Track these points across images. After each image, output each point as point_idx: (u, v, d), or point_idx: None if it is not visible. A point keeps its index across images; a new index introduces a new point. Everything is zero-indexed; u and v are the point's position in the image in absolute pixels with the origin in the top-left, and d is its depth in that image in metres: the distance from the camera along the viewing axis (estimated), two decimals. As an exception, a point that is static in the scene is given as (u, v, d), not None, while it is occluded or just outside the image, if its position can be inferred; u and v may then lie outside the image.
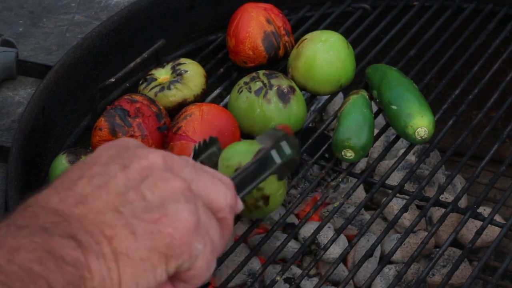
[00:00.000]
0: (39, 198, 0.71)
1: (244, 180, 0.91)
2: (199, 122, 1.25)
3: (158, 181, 0.72)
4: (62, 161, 1.20)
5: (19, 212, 0.70)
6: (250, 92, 1.29)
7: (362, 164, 1.60)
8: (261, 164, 0.95)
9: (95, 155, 0.75)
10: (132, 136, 1.24)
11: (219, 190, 0.77)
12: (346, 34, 1.45)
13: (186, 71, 1.37)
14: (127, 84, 1.48)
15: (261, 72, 1.32)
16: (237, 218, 1.25)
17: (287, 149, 0.99)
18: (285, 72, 1.40)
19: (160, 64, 1.41)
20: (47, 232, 0.67)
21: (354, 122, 1.28)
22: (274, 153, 0.98)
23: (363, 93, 1.34)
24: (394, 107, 1.30)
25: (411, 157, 1.62)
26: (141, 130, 1.24)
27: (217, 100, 1.45)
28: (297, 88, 1.32)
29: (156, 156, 0.74)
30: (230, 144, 1.19)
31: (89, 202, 0.70)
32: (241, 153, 1.15)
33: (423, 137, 1.28)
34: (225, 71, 1.50)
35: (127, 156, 0.74)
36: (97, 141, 1.25)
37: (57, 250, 0.66)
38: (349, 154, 1.27)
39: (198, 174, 0.76)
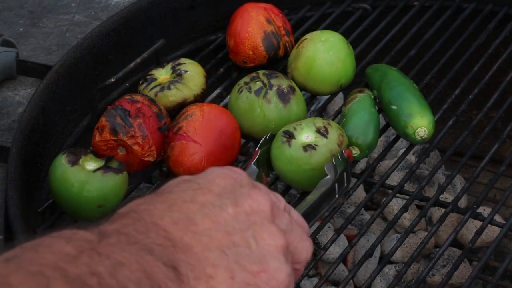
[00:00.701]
0: (154, 212, 0.70)
1: (308, 216, 0.91)
2: (200, 122, 1.25)
3: (264, 232, 0.72)
4: (62, 161, 1.20)
5: (131, 220, 0.69)
6: (250, 92, 1.29)
7: (362, 164, 1.61)
8: (324, 198, 0.95)
9: (209, 178, 0.74)
10: (132, 136, 1.24)
11: (306, 247, 0.78)
12: (346, 34, 1.45)
13: (186, 71, 1.37)
14: (127, 84, 1.48)
15: (261, 72, 1.32)
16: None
17: (345, 182, 0.99)
18: (285, 72, 1.40)
19: (160, 64, 1.41)
20: (154, 255, 0.66)
21: (362, 120, 1.28)
22: (336, 186, 0.97)
23: (368, 92, 1.34)
24: (394, 107, 1.30)
25: (411, 157, 1.62)
26: (142, 130, 1.24)
27: (217, 100, 1.45)
28: (297, 88, 1.32)
29: (266, 203, 0.74)
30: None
31: (198, 233, 0.70)
32: None
33: (423, 137, 1.28)
34: (225, 71, 1.50)
35: (240, 193, 0.74)
36: (98, 141, 1.25)
37: (157, 277, 0.65)
38: (354, 151, 1.27)
39: (292, 226, 0.77)
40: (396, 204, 1.52)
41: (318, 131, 1.21)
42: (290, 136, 1.21)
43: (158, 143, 1.26)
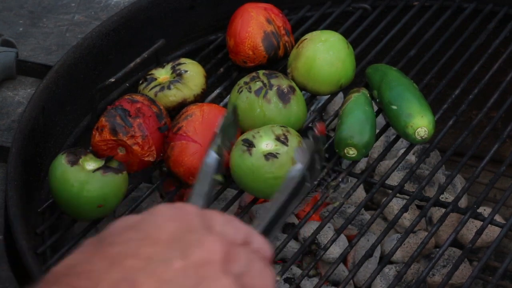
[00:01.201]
0: (91, 274, 0.62)
1: (276, 222, 0.88)
2: (200, 122, 1.25)
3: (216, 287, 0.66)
4: (61, 161, 1.20)
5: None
6: (250, 92, 1.29)
7: (362, 164, 1.60)
8: (294, 193, 0.92)
9: (157, 222, 0.67)
10: (132, 136, 1.24)
11: (267, 284, 0.72)
12: (346, 34, 1.45)
13: (186, 71, 1.37)
14: (127, 84, 1.48)
15: (261, 72, 1.32)
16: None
17: (317, 164, 0.96)
18: (285, 72, 1.40)
19: (160, 64, 1.41)
20: None
21: (356, 120, 1.28)
22: (307, 175, 0.94)
23: (364, 91, 1.35)
24: (394, 107, 1.30)
25: (411, 157, 1.62)
26: (142, 131, 1.24)
27: (217, 100, 1.45)
28: (297, 88, 1.32)
29: (218, 249, 0.67)
30: None
31: None
32: None
33: (423, 137, 1.28)
34: (225, 71, 1.50)
35: (190, 241, 0.67)
36: (98, 141, 1.25)
37: None
38: (351, 152, 1.27)
39: (251, 263, 0.70)
40: (396, 204, 1.52)
41: (277, 138, 1.20)
42: (250, 144, 1.20)
43: (158, 143, 1.26)
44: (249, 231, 0.73)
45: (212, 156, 0.99)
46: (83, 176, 1.18)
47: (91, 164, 1.20)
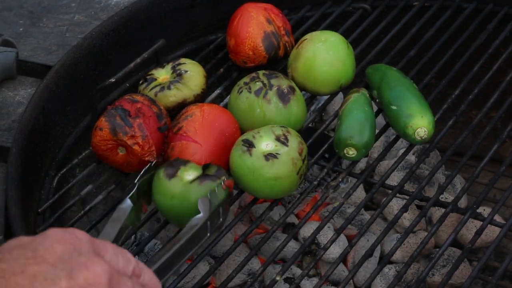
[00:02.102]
0: None
1: (171, 264, 0.88)
2: (200, 122, 1.25)
3: None
4: (160, 175, 1.18)
5: None
6: (250, 92, 1.29)
7: (362, 164, 1.61)
8: (193, 239, 0.91)
9: (46, 244, 0.69)
10: (133, 136, 1.24)
11: None
12: (346, 34, 1.45)
13: (186, 71, 1.37)
14: (127, 84, 1.48)
15: (261, 72, 1.32)
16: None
17: (220, 216, 0.96)
18: (285, 72, 1.40)
19: (160, 64, 1.41)
20: None
21: (356, 120, 1.28)
22: (208, 224, 0.94)
23: (364, 91, 1.35)
24: (394, 107, 1.30)
25: (411, 157, 1.62)
26: (142, 131, 1.24)
27: (217, 100, 1.45)
28: (297, 88, 1.32)
29: (103, 274, 0.69)
30: None
31: None
32: None
33: (423, 137, 1.28)
34: (225, 71, 1.50)
35: (77, 263, 0.69)
36: (98, 141, 1.25)
37: None
38: (351, 152, 1.27)
39: None
40: (396, 204, 1.52)
41: (277, 139, 1.20)
42: (250, 145, 1.20)
43: (158, 143, 1.26)
44: (139, 265, 0.75)
45: (127, 203, 0.98)
46: (180, 189, 1.16)
47: (190, 173, 1.18)
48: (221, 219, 0.98)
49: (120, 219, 0.96)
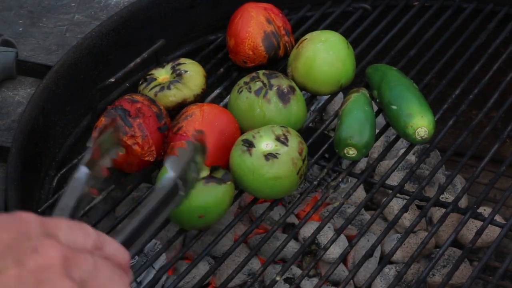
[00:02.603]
0: None
1: (140, 232, 0.85)
2: (200, 122, 1.25)
3: None
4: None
5: None
6: (250, 92, 1.29)
7: (362, 164, 1.60)
8: (164, 203, 0.89)
9: None
10: (132, 136, 1.24)
11: None
12: (346, 34, 1.45)
13: (186, 71, 1.37)
14: (127, 84, 1.48)
15: (261, 72, 1.32)
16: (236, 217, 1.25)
17: (192, 172, 0.93)
18: (285, 72, 1.40)
19: (160, 64, 1.41)
20: None
21: (356, 120, 1.28)
22: (179, 183, 0.91)
23: (364, 91, 1.34)
24: (394, 107, 1.30)
25: (411, 157, 1.62)
26: (142, 130, 1.24)
27: (217, 100, 1.45)
28: (297, 88, 1.32)
29: (56, 254, 0.66)
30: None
31: None
32: None
33: (423, 137, 1.28)
34: (225, 71, 1.50)
35: (26, 249, 0.65)
36: (97, 141, 1.25)
37: None
38: (351, 152, 1.27)
39: (98, 269, 0.69)
40: (396, 204, 1.52)
41: (277, 139, 1.20)
42: (250, 144, 1.20)
43: (158, 143, 1.26)
44: (101, 237, 0.72)
45: (82, 171, 0.96)
46: None
47: None
48: (194, 175, 0.94)
49: (77, 189, 0.93)
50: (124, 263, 0.72)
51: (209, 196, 1.15)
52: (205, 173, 1.17)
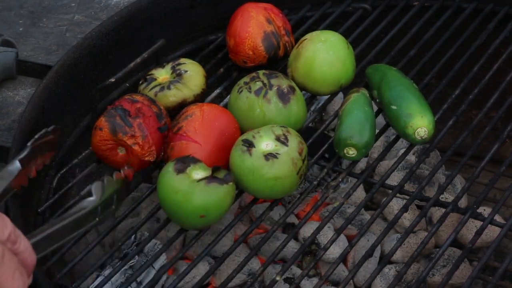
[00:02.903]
0: None
1: (50, 240, 0.86)
2: (200, 122, 1.25)
3: None
4: (169, 168, 1.17)
5: None
6: (250, 92, 1.29)
7: (362, 164, 1.60)
8: (80, 221, 0.89)
9: None
10: (132, 136, 1.24)
11: (15, 286, 0.72)
12: (346, 34, 1.45)
13: (186, 71, 1.37)
14: (127, 84, 1.48)
15: (261, 72, 1.32)
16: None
17: (113, 204, 0.94)
18: (285, 72, 1.40)
19: (160, 64, 1.41)
20: None
21: (356, 120, 1.28)
22: (98, 209, 0.92)
23: (364, 91, 1.35)
24: (394, 107, 1.30)
25: (411, 157, 1.62)
26: (142, 130, 1.24)
27: (217, 100, 1.45)
28: (297, 88, 1.32)
29: None
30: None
31: None
32: None
33: (423, 137, 1.28)
34: (225, 71, 1.50)
35: None
36: (98, 141, 1.25)
37: None
38: (351, 152, 1.27)
39: (3, 261, 0.70)
40: (396, 204, 1.52)
41: (277, 139, 1.20)
42: (250, 144, 1.19)
43: (158, 143, 1.26)
44: (17, 232, 0.72)
45: (16, 165, 0.96)
46: (186, 185, 1.15)
47: (199, 173, 1.17)
48: (113, 207, 0.96)
49: (5, 180, 0.93)
50: (30, 263, 0.73)
51: (210, 196, 1.15)
52: (207, 173, 1.17)
